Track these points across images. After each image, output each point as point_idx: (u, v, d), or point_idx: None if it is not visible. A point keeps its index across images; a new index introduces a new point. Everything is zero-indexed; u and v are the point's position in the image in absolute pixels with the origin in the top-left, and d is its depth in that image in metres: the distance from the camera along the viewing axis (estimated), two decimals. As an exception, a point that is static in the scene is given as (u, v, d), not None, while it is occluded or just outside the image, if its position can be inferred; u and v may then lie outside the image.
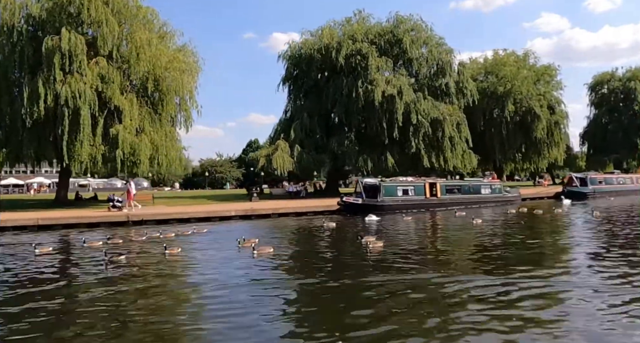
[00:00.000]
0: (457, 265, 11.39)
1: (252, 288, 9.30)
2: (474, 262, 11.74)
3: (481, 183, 33.49)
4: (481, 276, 9.91)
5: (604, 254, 12.41)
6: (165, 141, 34.25)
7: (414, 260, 11.92)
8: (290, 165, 35.61)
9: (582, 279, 9.24)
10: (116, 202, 26.89)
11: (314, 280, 9.90)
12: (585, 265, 10.85)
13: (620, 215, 24.11)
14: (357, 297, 8.62)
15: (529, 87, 47.95)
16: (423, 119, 36.80)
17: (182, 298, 9.01)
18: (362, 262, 12.00)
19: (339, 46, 37.90)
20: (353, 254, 13.42)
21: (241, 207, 27.68)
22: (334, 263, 12.14)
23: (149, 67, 33.02)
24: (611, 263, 10.92)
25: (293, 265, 12.02)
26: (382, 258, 12.34)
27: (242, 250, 13.40)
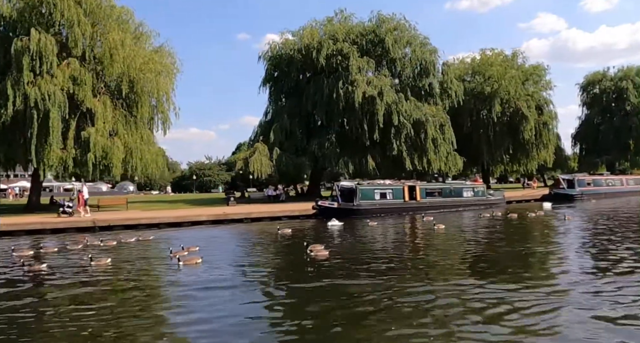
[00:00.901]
0: (393, 273, 11.06)
1: (146, 302, 9.15)
2: (410, 270, 11.51)
3: (463, 186, 33.39)
4: (410, 284, 9.87)
5: (551, 261, 12.46)
6: (140, 144, 34.15)
7: (351, 269, 11.69)
8: (268, 169, 35.49)
9: (518, 292, 8.99)
10: (66, 207, 26.59)
11: (222, 294, 9.49)
12: (526, 273, 10.74)
13: (595, 219, 24.08)
14: (270, 309, 8.56)
15: (517, 87, 47.95)
16: (405, 121, 36.74)
17: (63, 311, 8.59)
18: (291, 272, 11.77)
19: (320, 46, 37.84)
20: (290, 263, 13.07)
21: (213, 212, 27.54)
22: (263, 274, 11.81)
23: (123, 68, 32.94)
24: (557, 271, 10.80)
25: (213, 276, 11.29)
26: (320, 267, 12.12)
27: (174, 259, 12.89)
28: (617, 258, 11.94)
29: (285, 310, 8.49)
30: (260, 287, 10.29)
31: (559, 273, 10.74)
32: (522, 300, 8.28)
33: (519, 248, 14.62)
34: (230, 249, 16.60)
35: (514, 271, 11.00)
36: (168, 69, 37.10)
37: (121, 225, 24.64)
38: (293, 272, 11.84)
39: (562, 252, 13.80)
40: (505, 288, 9.14)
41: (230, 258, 14.25)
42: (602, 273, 10.31)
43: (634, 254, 12.54)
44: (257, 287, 10.25)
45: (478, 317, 7.42)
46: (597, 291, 8.73)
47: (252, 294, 9.54)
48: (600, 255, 12.89)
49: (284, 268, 12.56)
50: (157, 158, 36.33)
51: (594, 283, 9.35)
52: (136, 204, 39.20)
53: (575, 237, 17.06)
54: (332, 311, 8.06)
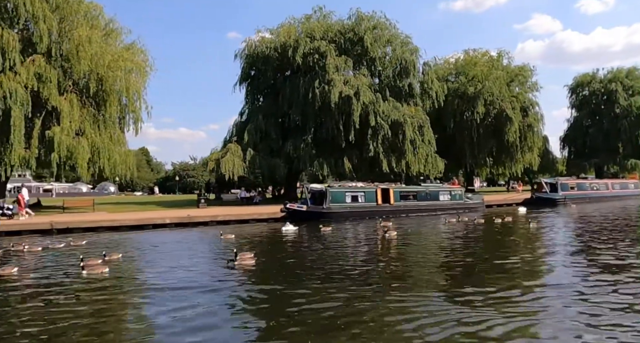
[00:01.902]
0: (308, 282, 10.92)
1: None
2: (330, 279, 11.27)
3: (439, 190, 33.23)
4: (321, 294, 9.66)
5: (487, 274, 11.83)
6: (108, 144, 33.89)
7: (266, 279, 11.44)
8: (241, 170, 35.25)
9: (450, 307, 8.76)
10: (6, 209, 26.31)
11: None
12: (458, 289, 10.24)
13: (565, 227, 23.76)
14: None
15: (501, 88, 48.08)
16: (382, 121, 36.67)
17: None
18: (198, 283, 11.20)
19: (297, 44, 37.73)
20: (204, 274, 12.26)
21: (177, 215, 27.31)
22: (166, 285, 11.12)
23: (90, 65, 32.72)
24: (493, 287, 10.14)
25: (114, 284, 11.00)
26: (236, 275, 11.86)
27: (86, 268, 12.40)
28: (551, 275, 11.33)
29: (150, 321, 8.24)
30: (141, 295, 10.02)
31: (477, 286, 10.14)
32: (437, 312, 8.15)
33: (454, 258, 14.29)
34: (156, 256, 15.69)
35: (435, 282, 10.87)
36: (140, 67, 36.79)
37: (80, 228, 24.38)
38: (202, 283, 11.20)
39: (489, 265, 12.93)
40: (421, 297, 9.08)
41: (147, 266, 13.74)
42: (525, 291, 9.75)
43: (570, 273, 11.44)
44: (138, 295, 10.04)
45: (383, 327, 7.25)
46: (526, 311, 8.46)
47: (132, 302, 9.35)
48: (535, 270, 12.19)
49: (193, 279, 11.69)
50: (127, 158, 36.01)
51: (517, 301, 9.06)
52: (106, 206, 38.89)
53: (522, 248, 16.17)
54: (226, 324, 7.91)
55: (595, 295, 9.03)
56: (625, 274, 10.96)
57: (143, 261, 14.77)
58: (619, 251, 14.35)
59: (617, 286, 9.69)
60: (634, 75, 62.22)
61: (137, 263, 14.43)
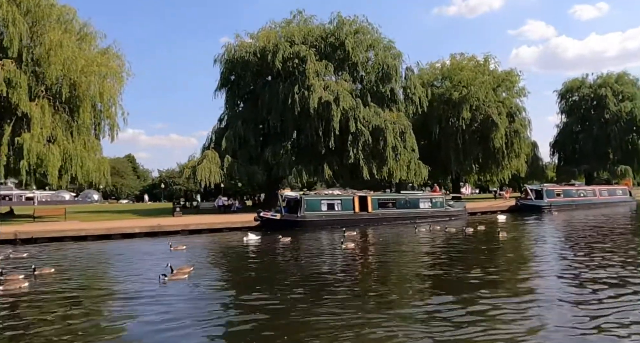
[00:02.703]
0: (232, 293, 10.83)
1: None
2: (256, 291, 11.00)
3: (419, 197, 32.98)
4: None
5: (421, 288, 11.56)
6: (81, 151, 33.58)
7: (190, 293, 11.20)
8: (218, 177, 35.00)
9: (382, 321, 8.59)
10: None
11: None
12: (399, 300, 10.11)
13: (535, 235, 23.21)
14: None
15: (487, 93, 48.13)
16: (363, 127, 36.57)
17: None
18: (110, 297, 10.88)
19: (276, 49, 37.62)
20: (125, 289, 11.75)
21: (147, 224, 26.99)
22: (80, 299, 10.80)
23: (62, 70, 32.45)
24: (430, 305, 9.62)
25: (31, 299, 10.66)
26: (159, 291, 11.37)
27: (3, 284, 12.00)
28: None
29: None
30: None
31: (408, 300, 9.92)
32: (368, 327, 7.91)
33: (399, 271, 13.89)
34: (95, 269, 15.20)
35: (373, 296, 10.50)
36: (115, 72, 36.55)
37: (45, 238, 24.05)
38: (116, 297, 10.83)
39: (432, 278, 12.57)
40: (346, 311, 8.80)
41: (75, 280, 13.26)
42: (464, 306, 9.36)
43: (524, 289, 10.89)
44: (46, 310, 9.74)
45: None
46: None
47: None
48: (478, 284, 11.43)
49: (111, 293, 11.42)
50: (102, 166, 35.70)
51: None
52: (82, 214, 38.49)
53: (480, 260, 15.22)
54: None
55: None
56: (586, 289, 10.51)
57: (76, 274, 14.21)
58: (584, 264, 13.81)
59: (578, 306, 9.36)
60: (624, 81, 62.62)
61: (67, 276, 13.75)
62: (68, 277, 13.62)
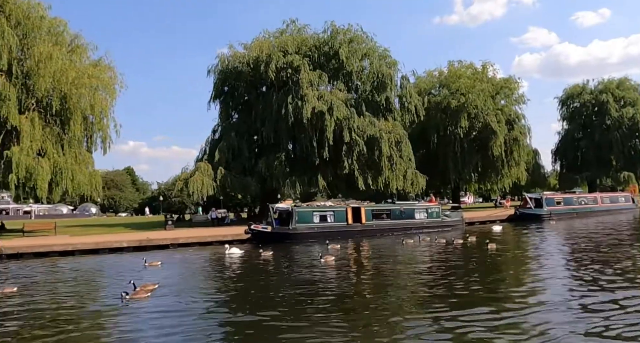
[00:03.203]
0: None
1: None
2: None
3: (415, 207, 32.67)
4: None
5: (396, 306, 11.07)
6: (71, 164, 33.52)
7: (146, 313, 10.81)
8: (210, 189, 34.82)
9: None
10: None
11: None
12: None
13: (526, 247, 22.64)
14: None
15: (486, 101, 47.91)
16: (358, 137, 36.39)
17: None
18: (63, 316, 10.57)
19: (269, 59, 37.54)
20: (84, 307, 11.55)
21: (135, 238, 26.83)
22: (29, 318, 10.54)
23: (52, 83, 32.47)
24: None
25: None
26: (116, 310, 11.15)
27: None
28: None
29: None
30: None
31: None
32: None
33: (377, 288, 13.31)
34: (65, 286, 14.78)
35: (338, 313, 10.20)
36: (107, 84, 36.55)
37: (31, 253, 23.93)
38: (70, 317, 10.53)
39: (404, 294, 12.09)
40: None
41: (38, 298, 12.99)
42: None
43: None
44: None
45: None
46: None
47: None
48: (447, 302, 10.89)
49: (65, 312, 11.04)
50: (93, 179, 35.58)
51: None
52: (74, 228, 38.36)
53: (455, 276, 14.31)
54: None
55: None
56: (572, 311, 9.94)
57: (39, 293, 13.83)
58: (573, 279, 13.30)
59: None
60: (625, 86, 62.38)
61: (29, 294, 13.48)
62: (30, 295, 13.35)
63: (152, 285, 12.88)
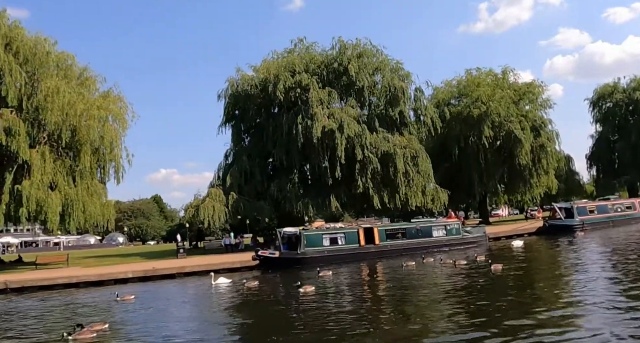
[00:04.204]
0: None
1: None
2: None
3: (432, 225, 31.70)
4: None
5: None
6: (82, 196, 34.03)
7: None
8: (222, 215, 34.74)
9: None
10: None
11: None
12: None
13: (543, 268, 20.42)
14: None
15: (509, 108, 46.57)
16: (371, 154, 35.89)
17: None
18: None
19: (277, 80, 37.57)
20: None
21: (141, 268, 26.83)
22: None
23: (61, 116, 33.19)
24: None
25: None
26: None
27: None
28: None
29: None
30: None
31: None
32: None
33: (353, 323, 11.67)
34: (30, 326, 14.23)
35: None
36: (117, 115, 37.23)
37: (36, 287, 24.18)
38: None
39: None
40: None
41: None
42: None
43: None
44: None
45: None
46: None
47: None
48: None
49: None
50: (105, 209, 36.06)
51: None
52: (88, 259, 38.82)
53: (437, 308, 12.77)
54: None
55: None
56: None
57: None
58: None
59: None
60: (660, 81, 59.75)
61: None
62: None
63: (100, 326, 12.20)
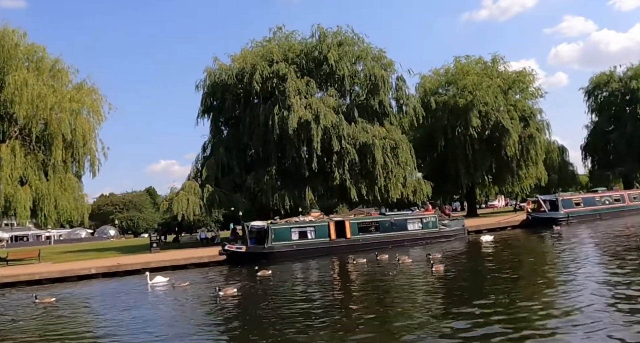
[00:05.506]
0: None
1: None
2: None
3: (407, 218, 31.52)
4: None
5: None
6: (54, 190, 33.99)
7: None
8: (197, 209, 34.70)
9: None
10: None
11: None
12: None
13: (491, 268, 18.66)
14: None
15: (497, 97, 46.18)
16: (348, 145, 35.66)
17: None
18: None
19: (253, 69, 37.31)
20: None
21: (104, 264, 26.81)
22: None
23: (31, 109, 33.07)
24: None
25: None
26: None
27: None
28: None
29: None
30: None
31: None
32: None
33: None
34: None
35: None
36: (91, 107, 37.09)
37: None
38: None
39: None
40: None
41: None
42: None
43: None
44: None
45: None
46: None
47: None
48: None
49: None
50: (79, 204, 36.05)
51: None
52: (66, 255, 38.90)
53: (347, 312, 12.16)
54: None
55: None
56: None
57: None
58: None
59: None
60: (658, 70, 59.14)
61: None
62: None
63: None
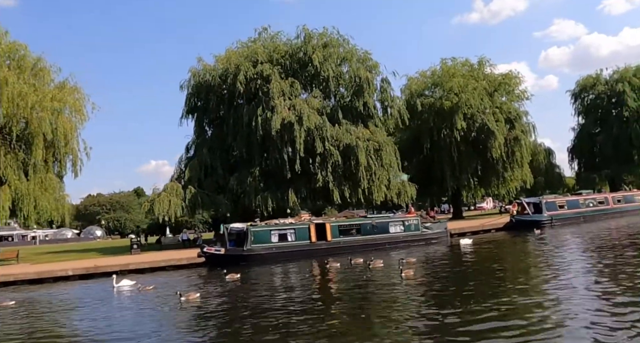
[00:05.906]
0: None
1: None
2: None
3: (389, 221, 31.58)
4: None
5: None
6: (34, 190, 33.83)
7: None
8: (179, 210, 34.62)
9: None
10: None
11: None
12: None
13: (459, 272, 18.98)
14: None
15: (482, 100, 46.40)
16: (332, 147, 35.71)
17: None
18: None
19: (237, 70, 37.27)
20: None
21: (82, 266, 26.66)
22: None
23: (12, 108, 32.92)
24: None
25: None
26: None
27: None
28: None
29: None
30: None
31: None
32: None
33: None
34: None
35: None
36: (73, 106, 36.93)
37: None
38: None
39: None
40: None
41: None
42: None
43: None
44: None
45: None
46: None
47: None
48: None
49: None
50: (59, 205, 35.88)
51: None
52: (46, 255, 38.69)
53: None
54: None
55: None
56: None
57: None
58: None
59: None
60: (643, 73, 59.62)
61: None
62: None
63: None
